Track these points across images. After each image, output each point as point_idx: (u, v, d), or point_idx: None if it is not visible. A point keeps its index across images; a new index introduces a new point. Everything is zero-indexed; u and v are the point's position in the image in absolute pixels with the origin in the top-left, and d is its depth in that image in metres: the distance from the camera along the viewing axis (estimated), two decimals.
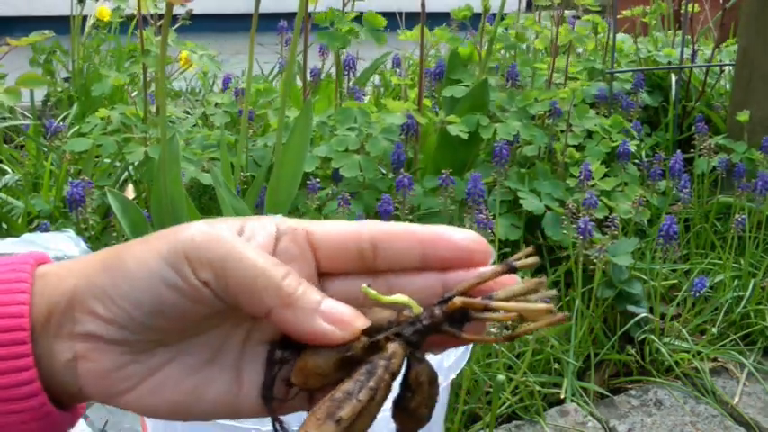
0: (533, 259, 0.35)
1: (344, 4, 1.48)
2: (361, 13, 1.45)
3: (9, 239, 0.89)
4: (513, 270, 0.34)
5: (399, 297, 0.33)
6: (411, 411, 0.34)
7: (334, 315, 0.33)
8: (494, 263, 0.36)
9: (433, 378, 0.34)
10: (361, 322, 0.33)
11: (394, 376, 0.32)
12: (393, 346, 0.33)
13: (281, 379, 0.35)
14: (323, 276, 0.36)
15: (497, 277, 0.34)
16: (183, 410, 0.35)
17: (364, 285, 0.34)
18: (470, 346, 0.60)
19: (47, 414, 0.35)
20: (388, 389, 0.32)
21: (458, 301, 0.33)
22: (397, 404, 0.34)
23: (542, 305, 0.32)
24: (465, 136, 1.41)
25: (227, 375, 0.35)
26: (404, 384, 0.34)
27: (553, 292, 0.34)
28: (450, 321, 0.33)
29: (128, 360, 0.34)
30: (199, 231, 0.33)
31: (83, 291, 0.34)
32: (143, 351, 0.34)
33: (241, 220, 0.35)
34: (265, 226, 0.35)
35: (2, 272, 0.35)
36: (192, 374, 0.35)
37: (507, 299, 0.33)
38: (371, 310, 0.34)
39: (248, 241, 0.34)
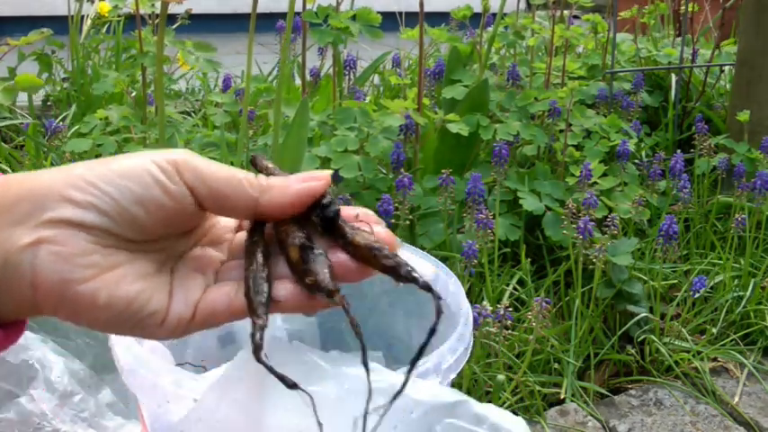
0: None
1: (339, 4, 1.47)
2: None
3: None
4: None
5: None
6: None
7: (304, 176, 0.41)
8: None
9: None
10: (327, 172, 0.41)
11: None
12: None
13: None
14: None
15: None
16: (124, 317, 0.37)
17: None
18: (470, 346, 0.60)
19: None
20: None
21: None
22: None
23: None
24: (465, 133, 1.41)
25: (164, 292, 0.39)
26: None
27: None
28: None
29: (93, 249, 0.36)
30: (183, 151, 0.39)
31: (60, 181, 0.37)
32: (109, 245, 0.37)
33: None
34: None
35: None
36: (143, 280, 0.38)
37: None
38: None
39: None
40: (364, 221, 0.41)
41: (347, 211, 0.41)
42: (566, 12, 1.84)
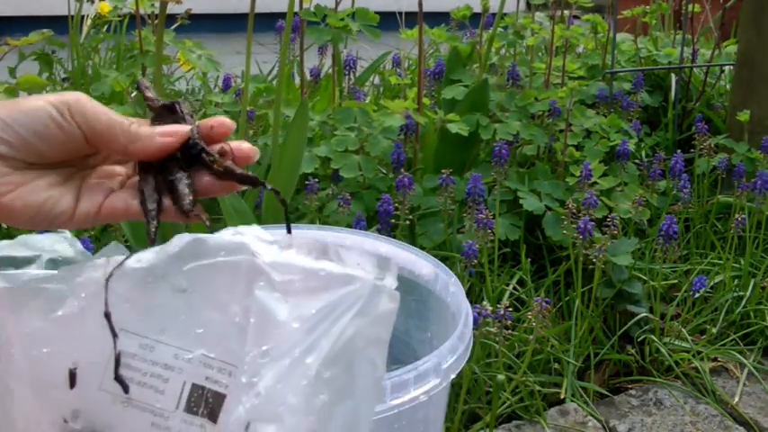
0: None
1: (337, 3, 1.47)
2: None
3: (3, 242, 0.88)
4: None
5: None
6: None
7: (166, 132, 0.51)
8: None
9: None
10: (184, 130, 0.51)
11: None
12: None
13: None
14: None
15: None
16: (40, 217, 0.50)
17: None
18: (470, 346, 0.60)
19: None
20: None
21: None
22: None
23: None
24: (465, 133, 1.41)
25: (70, 197, 0.51)
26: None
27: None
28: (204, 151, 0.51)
29: (9, 172, 0.49)
30: (76, 94, 0.50)
31: None
32: (20, 168, 0.49)
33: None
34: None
35: None
36: (50, 189, 0.50)
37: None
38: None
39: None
40: (217, 128, 0.51)
41: (205, 125, 0.51)
42: (566, 12, 1.84)
